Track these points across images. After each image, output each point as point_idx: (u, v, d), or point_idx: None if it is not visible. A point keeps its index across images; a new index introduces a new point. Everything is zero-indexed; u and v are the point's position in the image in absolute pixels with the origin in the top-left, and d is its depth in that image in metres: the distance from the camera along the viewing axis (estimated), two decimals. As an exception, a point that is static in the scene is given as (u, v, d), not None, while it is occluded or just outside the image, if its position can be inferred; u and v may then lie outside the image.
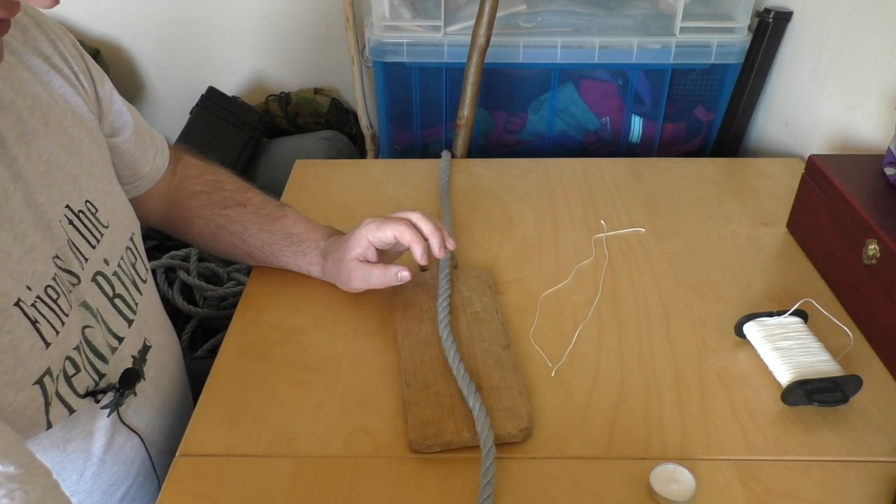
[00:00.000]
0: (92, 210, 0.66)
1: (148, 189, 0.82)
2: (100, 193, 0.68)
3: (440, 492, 0.62)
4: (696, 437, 0.67)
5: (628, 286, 0.87)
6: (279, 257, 0.84)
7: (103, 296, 0.66)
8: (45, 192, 0.61)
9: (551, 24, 1.29)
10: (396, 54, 1.27)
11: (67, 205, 0.63)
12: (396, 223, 0.76)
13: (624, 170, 1.12)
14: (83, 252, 0.64)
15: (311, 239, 0.83)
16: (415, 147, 1.41)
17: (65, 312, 0.59)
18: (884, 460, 0.65)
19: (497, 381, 0.71)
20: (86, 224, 0.65)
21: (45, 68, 0.66)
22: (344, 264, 0.79)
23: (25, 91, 0.63)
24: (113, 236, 0.69)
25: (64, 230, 0.62)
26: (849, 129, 1.08)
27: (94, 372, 0.63)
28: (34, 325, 0.56)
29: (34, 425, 0.57)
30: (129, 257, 0.72)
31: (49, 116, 0.64)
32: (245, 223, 0.84)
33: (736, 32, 1.27)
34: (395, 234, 0.76)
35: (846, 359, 0.74)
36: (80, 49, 0.71)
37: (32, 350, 0.55)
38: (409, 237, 0.76)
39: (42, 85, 0.65)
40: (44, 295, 0.57)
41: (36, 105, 0.63)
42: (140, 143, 0.79)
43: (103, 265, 0.67)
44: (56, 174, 0.63)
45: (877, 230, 0.77)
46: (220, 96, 1.64)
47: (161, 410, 0.74)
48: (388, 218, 0.78)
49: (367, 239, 0.77)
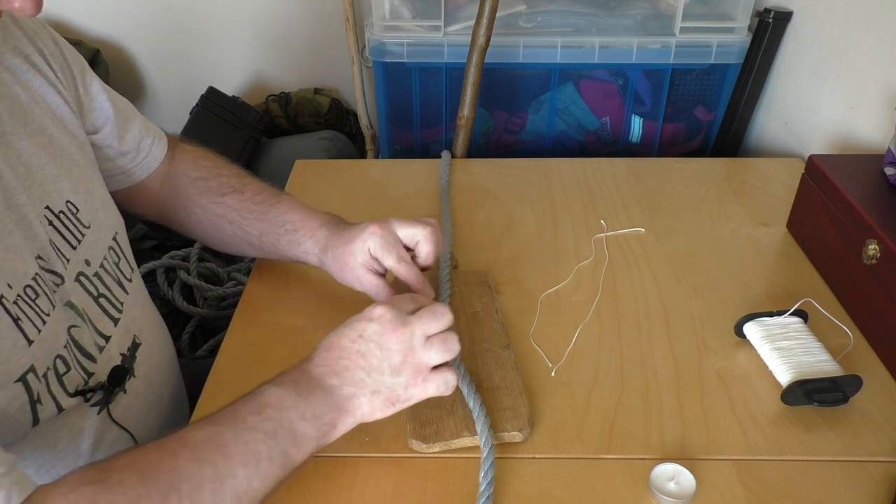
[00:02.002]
0: (73, 210, 0.66)
1: (145, 177, 0.81)
2: (81, 194, 0.68)
3: (440, 492, 0.62)
4: (696, 436, 0.67)
5: (628, 286, 0.87)
6: (276, 246, 0.82)
7: (88, 295, 0.66)
8: (25, 192, 0.61)
9: (551, 24, 1.29)
10: (396, 54, 1.27)
11: (48, 205, 0.63)
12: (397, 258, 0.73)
13: (624, 170, 1.12)
14: (64, 253, 0.64)
15: (305, 227, 0.80)
16: (415, 147, 1.41)
17: (45, 311, 0.59)
18: (884, 460, 0.65)
19: (497, 381, 0.71)
20: (66, 225, 0.65)
21: (25, 67, 0.65)
22: (350, 269, 0.76)
23: (4, 92, 0.62)
24: (94, 236, 0.68)
25: (45, 230, 0.62)
26: (849, 129, 1.08)
27: (83, 371, 0.63)
28: (16, 322, 0.56)
29: (19, 423, 0.57)
30: (112, 257, 0.71)
31: (28, 117, 0.64)
32: (242, 211, 0.82)
33: (736, 32, 1.27)
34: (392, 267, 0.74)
35: (846, 359, 0.74)
36: (59, 44, 0.70)
37: (14, 347, 0.56)
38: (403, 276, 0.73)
39: (21, 85, 0.65)
40: (23, 293, 0.57)
41: (15, 106, 0.63)
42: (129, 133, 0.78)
43: (84, 266, 0.66)
44: (36, 175, 0.62)
45: (877, 230, 0.77)
46: (220, 96, 1.65)
47: (153, 408, 0.74)
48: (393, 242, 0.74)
49: (370, 251, 0.74)
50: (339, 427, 0.60)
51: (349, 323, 0.63)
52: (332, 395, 0.59)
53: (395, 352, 0.60)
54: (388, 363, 0.60)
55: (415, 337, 0.61)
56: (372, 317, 0.61)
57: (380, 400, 0.60)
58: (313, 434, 0.58)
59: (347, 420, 0.60)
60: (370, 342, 0.60)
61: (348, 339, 0.61)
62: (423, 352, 0.61)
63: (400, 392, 0.61)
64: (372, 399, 0.60)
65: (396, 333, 0.60)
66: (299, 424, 0.57)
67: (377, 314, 0.61)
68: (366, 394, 0.60)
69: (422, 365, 0.61)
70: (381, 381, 0.60)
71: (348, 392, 0.60)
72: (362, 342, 0.61)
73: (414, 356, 0.60)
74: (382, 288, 0.75)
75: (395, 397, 0.61)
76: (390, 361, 0.60)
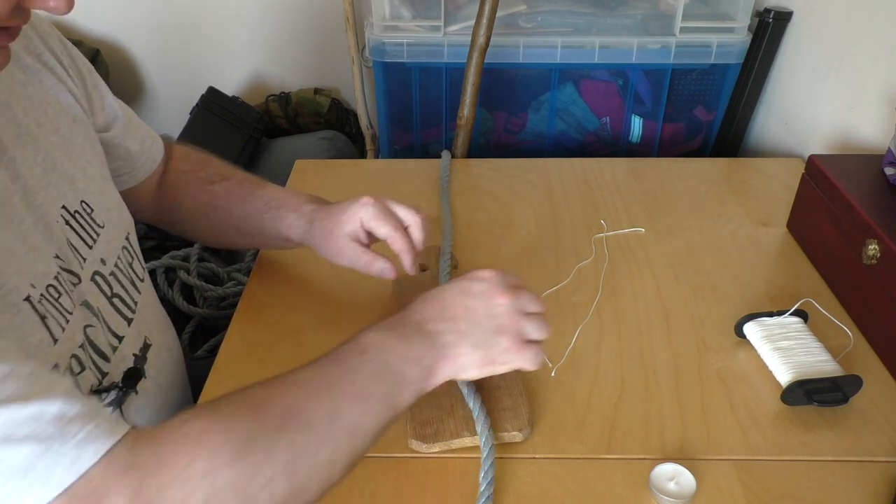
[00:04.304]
0: (88, 210, 0.66)
1: (145, 178, 0.81)
2: (94, 194, 0.68)
3: (440, 492, 0.62)
4: (696, 436, 0.67)
5: (628, 286, 0.87)
6: (261, 226, 0.82)
7: (102, 295, 0.66)
8: (43, 192, 0.61)
9: (551, 24, 1.29)
10: (396, 54, 1.27)
11: (64, 205, 0.63)
12: (392, 227, 0.74)
13: (624, 170, 1.12)
14: (81, 252, 0.64)
15: (288, 204, 0.81)
16: (415, 147, 1.41)
17: (68, 311, 0.59)
18: (884, 460, 0.65)
19: (497, 381, 0.71)
20: (82, 224, 0.65)
21: (37, 67, 0.66)
22: (335, 238, 0.77)
23: (19, 92, 0.62)
24: (109, 236, 0.69)
25: (62, 230, 0.62)
26: (849, 129, 1.08)
27: (97, 370, 0.63)
28: (43, 320, 0.56)
29: None
30: (125, 257, 0.72)
31: (42, 118, 0.64)
32: (229, 197, 0.83)
33: (736, 32, 1.27)
34: (387, 236, 0.75)
35: (846, 359, 0.74)
36: (66, 44, 0.71)
37: (41, 345, 0.56)
38: (399, 246, 0.74)
39: (35, 85, 0.65)
40: (46, 293, 0.57)
41: (29, 106, 0.63)
42: (134, 132, 0.79)
43: (100, 265, 0.67)
44: (52, 175, 0.63)
45: (877, 230, 0.77)
46: (220, 96, 1.64)
47: (162, 408, 0.74)
48: (387, 213, 0.75)
49: (362, 222, 0.75)
50: (438, 372, 0.59)
51: (454, 281, 0.64)
52: (434, 340, 0.59)
53: (500, 314, 0.61)
54: (493, 322, 0.61)
55: (519, 305, 0.62)
56: (480, 277, 0.63)
57: (479, 355, 0.60)
58: (414, 376, 0.57)
59: (447, 367, 0.59)
60: (477, 299, 0.61)
61: (453, 294, 0.62)
62: (525, 322, 0.62)
63: (498, 353, 0.61)
64: (472, 352, 0.60)
65: (504, 297, 0.62)
66: (401, 366, 0.57)
67: (486, 275, 0.63)
68: (467, 345, 0.60)
69: (522, 333, 0.61)
70: (484, 337, 0.60)
71: (450, 339, 0.60)
72: (468, 298, 0.62)
73: (516, 323, 0.61)
74: (372, 257, 0.75)
75: (493, 358, 0.61)
76: (494, 321, 0.61)
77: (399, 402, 0.56)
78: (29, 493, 0.41)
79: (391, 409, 0.56)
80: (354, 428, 0.53)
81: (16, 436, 0.42)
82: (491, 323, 0.61)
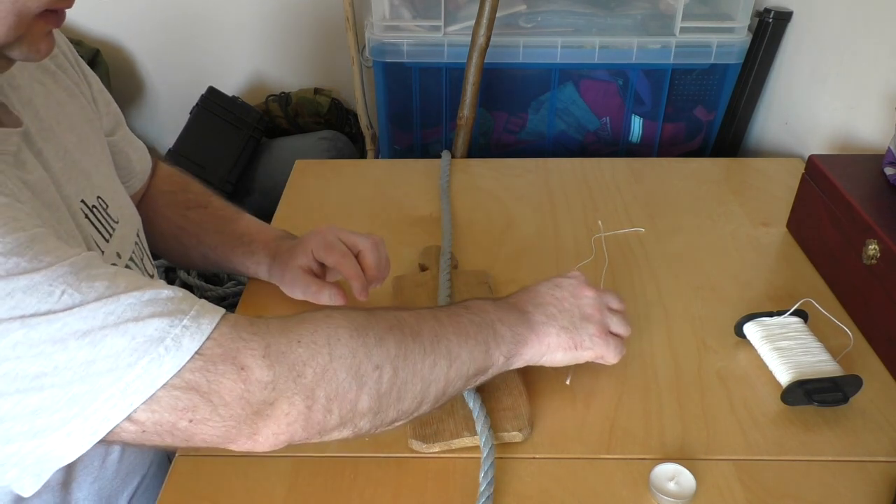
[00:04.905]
0: (103, 205, 0.68)
1: (138, 188, 0.83)
2: (108, 190, 0.69)
3: (440, 492, 0.62)
4: (696, 436, 0.67)
5: (628, 286, 0.87)
6: (230, 258, 0.84)
7: None
8: (67, 186, 0.62)
9: (551, 24, 1.29)
10: (396, 54, 1.27)
11: (83, 199, 0.65)
12: (340, 254, 0.76)
13: (624, 170, 1.12)
14: (100, 245, 0.65)
15: (260, 240, 0.83)
16: (415, 147, 1.41)
17: None
18: (884, 460, 0.65)
19: (497, 381, 0.71)
20: (99, 218, 0.66)
21: (53, 69, 0.68)
22: (289, 270, 0.79)
23: (39, 91, 0.64)
24: (123, 231, 0.70)
25: (84, 223, 0.64)
26: (849, 129, 1.08)
27: None
28: None
29: None
30: (138, 252, 0.73)
31: (60, 115, 0.66)
32: (203, 224, 0.85)
33: (736, 32, 1.27)
34: (335, 263, 0.77)
35: (846, 359, 0.74)
36: (72, 48, 0.73)
37: None
38: (347, 272, 0.76)
39: (52, 85, 0.67)
40: None
41: (49, 103, 0.65)
42: (131, 140, 0.81)
43: (116, 258, 0.68)
44: (72, 170, 0.64)
45: (877, 230, 0.77)
46: (220, 96, 1.65)
47: None
48: (335, 241, 0.77)
49: (312, 252, 0.78)
50: (528, 347, 0.64)
51: (543, 280, 0.70)
52: (527, 317, 0.65)
53: (586, 304, 0.68)
54: (580, 310, 0.67)
55: (604, 299, 0.69)
56: (568, 275, 0.71)
57: (566, 338, 0.65)
58: (509, 339, 0.63)
59: (536, 344, 0.64)
60: (565, 290, 0.68)
61: (544, 287, 0.69)
62: (610, 314, 0.69)
63: (584, 338, 0.66)
64: (560, 334, 0.65)
65: (590, 290, 0.69)
66: (499, 326, 0.63)
67: (573, 274, 0.71)
68: (556, 326, 0.65)
69: (606, 324, 0.68)
70: (572, 322, 0.66)
71: (541, 319, 0.65)
72: (558, 290, 0.68)
73: (601, 314, 0.68)
74: (320, 286, 0.78)
75: (579, 342, 0.66)
76: (581, 309, 0.67)
77: (490, 357, 0.61)
78: (166, 357, 0.46)
79: (483, 359, 0.61)
80: (453, 355, 0.58)
81: (142, 315, 0.47)
82: (578, 310, 0.67)
